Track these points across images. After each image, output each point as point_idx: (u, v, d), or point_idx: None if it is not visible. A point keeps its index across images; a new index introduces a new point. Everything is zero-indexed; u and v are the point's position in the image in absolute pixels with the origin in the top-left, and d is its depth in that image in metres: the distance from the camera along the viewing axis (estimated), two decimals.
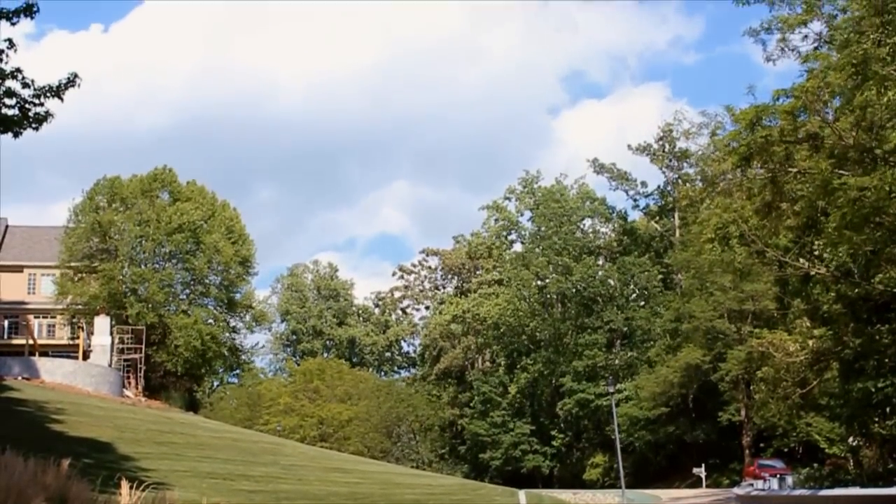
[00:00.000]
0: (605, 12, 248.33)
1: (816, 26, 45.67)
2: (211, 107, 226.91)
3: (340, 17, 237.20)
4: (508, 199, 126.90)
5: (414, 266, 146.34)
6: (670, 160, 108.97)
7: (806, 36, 45.86)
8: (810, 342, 48.29)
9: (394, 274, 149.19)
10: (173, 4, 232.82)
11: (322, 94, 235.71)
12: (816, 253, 43.96)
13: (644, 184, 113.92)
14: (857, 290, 42.13)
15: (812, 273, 44.35)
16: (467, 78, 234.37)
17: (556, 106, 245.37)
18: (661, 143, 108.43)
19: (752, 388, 69.46)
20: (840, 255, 40.82)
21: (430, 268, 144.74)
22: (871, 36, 32.46)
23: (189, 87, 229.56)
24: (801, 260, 43.82)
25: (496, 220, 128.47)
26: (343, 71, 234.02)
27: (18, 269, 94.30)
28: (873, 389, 46.06)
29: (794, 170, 37.18)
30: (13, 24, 28.15)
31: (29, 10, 28.18)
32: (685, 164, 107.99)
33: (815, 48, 44.91)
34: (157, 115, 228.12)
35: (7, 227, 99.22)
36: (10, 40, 28.23)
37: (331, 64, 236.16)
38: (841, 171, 34.39)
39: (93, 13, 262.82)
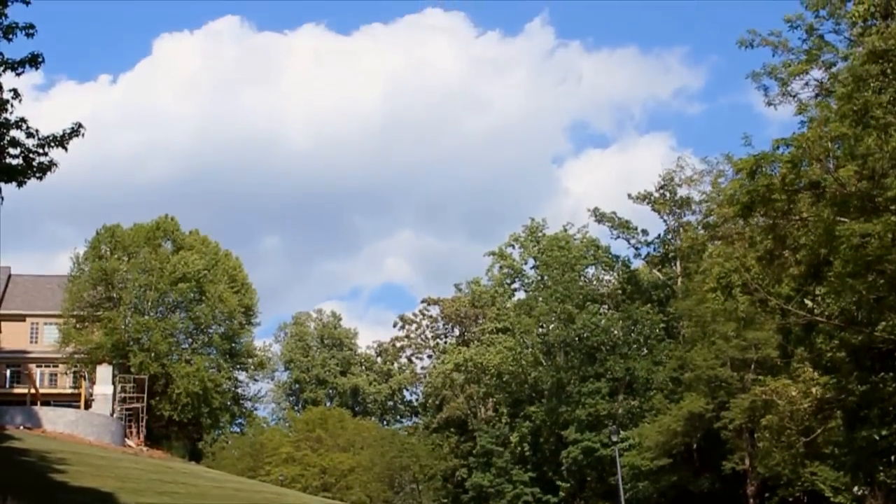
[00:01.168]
0: (609, 63, 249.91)
1: (817, 74, 45.97)
2: (217, 157, 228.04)
3: (346, 67, 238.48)
4: (512, 246, 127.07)
5: (415, 315, 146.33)
6: (671, 208, 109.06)
7: (807, 83, 46.16)
8: (814, 390, 48.15)
9: (395, 325, 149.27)
10: (181, 56, 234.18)
11: (328, 144, 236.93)
12: (819, 301, 43.95)
13: (645, 232, 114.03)
14: (860, 338, 42.08)
15: (815, 321, 44.32)
16: (472, 128, 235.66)
17: (560, 155, 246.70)
18: (661, 191, 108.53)
19: (755, 436, 69.17)
20: (843, 302, 40.81)
21: (431, 317, 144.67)
22: (872, 84, 32.63)
23: (196, 137, 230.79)
24: (806, 306, 43.81)
25: (500, 267, 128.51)
26: (349, 121, 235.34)
27: (21, 318, 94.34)
28: (878, 437, 45.89)
29: (797, 218, 37.25)
30: (18, 74, 28.36)
31: (34, 61, 28.37)
32: (686, 212, 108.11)
33: (816, 95, 45.17)
34: (164, 164, 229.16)
35: (10, 276, 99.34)
36: (14, 90, 28.43)
37: (337, 114, 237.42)
38: (843, 219, 34.46)
39: (101, 64, 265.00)
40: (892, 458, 48.53)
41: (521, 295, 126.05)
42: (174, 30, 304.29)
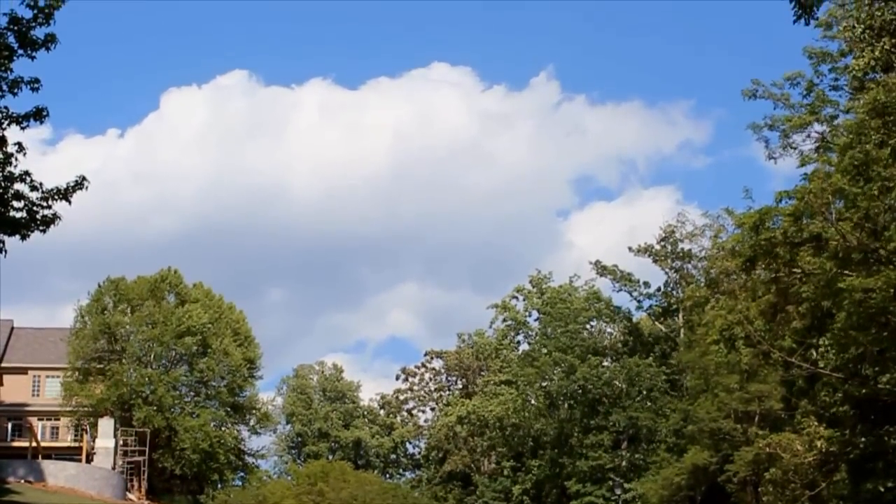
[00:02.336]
0: (614, 116, 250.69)
1: (818, 127, 46.18)
2: (223, 210, 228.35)
3: (353, 121, 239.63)
4: (516, 298, 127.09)
5: (417, 368, 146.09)
6: (673, 261, 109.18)
7: (808, 135, 46.37)
8: (818, 443, 47.96)
9: (397, 377, 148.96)
10: (189, 110, 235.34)
11: (333, 197, 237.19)
12: (822, 353, 43.88)
13: (647, 284, 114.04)
14: (864, 391, 41.98)
15: (818, 373, 44.24)
16: (478, 181, 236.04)
17: (565, 209, 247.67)
18: (663, 244, 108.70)
19: (760, 490, 68.79)
20: (847, 355, 40.74)
21: (433, 369, 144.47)
22: (873, 137, 32.75)
23: (202, 190, 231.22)
24: (809, 358, 43.73)
25: (503, 319, 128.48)
26: (355, 174, 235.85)
27: (23, 370, 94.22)
28: (883, 490, 45.70)
29: (799, 271, 37.28)
30: (23, 128, 28.51)
31: (39, 115, 28.53)
32: (688, 266, 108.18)
33: (817, 148, 45.36)
34: (170, 218, 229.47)
35: (12, 328, 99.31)
36: (19, 144, 28.57)
37: (343, 167, 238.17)
38: (845, 272, 34.48)
39: (110, 118, 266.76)
40: None
41: (524, 347, 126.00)
42: (182, 84, 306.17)
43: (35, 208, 28.86)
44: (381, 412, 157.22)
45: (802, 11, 29.45)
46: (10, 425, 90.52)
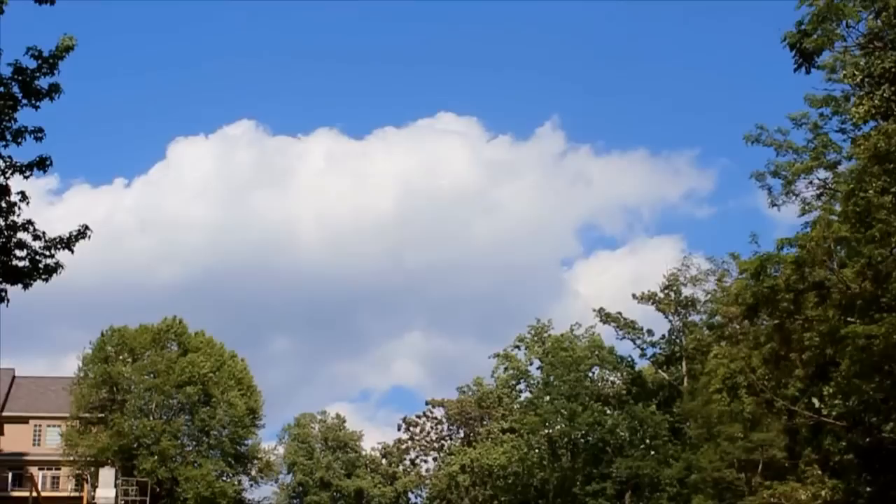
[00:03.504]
0: (618, 165, 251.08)
1: (821, 174, 46.16)
2: (229, 259, 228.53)
3: (359, 170, 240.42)
4: (518, 347, 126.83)
5: (419, 417, 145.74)
6: (676, 308, 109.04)
7: (811, 182, 46.32)
8: (822, 493, 47.73)
9: (399, 427, 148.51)
10: (195, 159, 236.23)
11: (339, 246, 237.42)
12: (826, 401, 43.73)
13: (650, 332, 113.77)
14: (868, 440, 41.81)
15: (822, 422, 44.08)
16: (483, 230, 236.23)
17: (570, 258, 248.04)
18: (666, 291, 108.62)
19: None
20: (850, 403, 40.61)
21: (435, 419, 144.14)
22: (875, 184, 32.80)
23: (208, 240, 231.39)
24: (813, 406, 43.56)
25: (505, 368, 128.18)
26: (360, 223, 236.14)
27: (24, 420, 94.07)
28: None
29: (801, 318, 37.24)
30: (26, 177, 28.59)
31: (42, 164, 28.63)
32: (691, 312, 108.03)
33: (820, 195, 45.36)
34: (176, 267, 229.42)
35: (14, 377, 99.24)
36: (22, 193, 28.64)
37: (348, 216, 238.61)
38: (848, 319, 34.44)
39: (116, 167, 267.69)
40: None
41: (526, 395, 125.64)
42: (189, 134, 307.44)
43: (38, 257, 28.90)
44: (384, 461, 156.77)
45: (803, 60, 29.63)
46: (10, 475, 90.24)
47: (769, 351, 39.07)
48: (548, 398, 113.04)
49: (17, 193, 28.54)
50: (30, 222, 28.72)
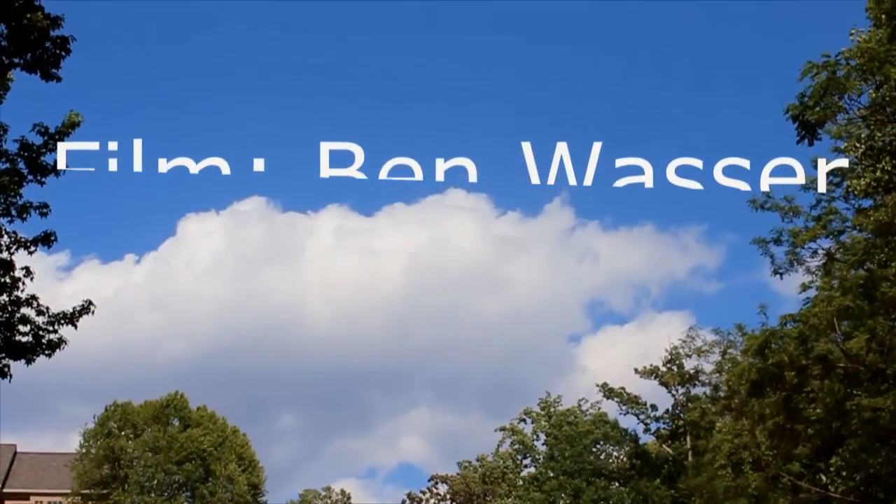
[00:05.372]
0: (626, 241, 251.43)
1: (825, 242, 45.95)
2: (236, 335, 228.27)
3: (367, 246, 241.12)
4: (524, 420, 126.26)
5: (423, 493, 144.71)
6: (680, 383, 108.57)
7: (815, 251, 46.11)
8: None
9: (403, 502, 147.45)
10: (205, 236, 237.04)
11: (346, 322, 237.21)
12: (833, 476, 43.39)
13: (654, 407, 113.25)
14: None
15: (829, 497, 43.70)
16: (491, 306, 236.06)
17: (577, 333, 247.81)
18: (668, 365, 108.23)
19: None
20: (857, 478, 40.30)
21: (438, 494, 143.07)
22: (877, 257, 32.80)
23: (215, 316, 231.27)
24: (820, 481, 43.21)
25: (511, 442, 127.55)
26: (368, 299, 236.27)
27: (25, 496, 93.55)
28: None
29: (807, 389, 37.06)
30: (30, 252, 28.69)
31: (47, 239, 28.77)
32: (696, 384, 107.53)
33: (824, 264, 45.18)
34: (183, 344, 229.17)
35: (15, 453, 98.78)
36: (27, 268, 28.72)
37: (356, 292, 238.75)
38: (854, 392, 34.30)
39: (127, 243, 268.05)
40: None
41: (530, 470, 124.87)
42: (200, 210, 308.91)
43: (41, 332, 28.92)
44: None
45: (806, 132, 29.77)
46: None
47: (774, 424, 38.82)
48: (552, 474, 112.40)
49: (22, 269, 28.62)
50: (33, 297, 28.78)
